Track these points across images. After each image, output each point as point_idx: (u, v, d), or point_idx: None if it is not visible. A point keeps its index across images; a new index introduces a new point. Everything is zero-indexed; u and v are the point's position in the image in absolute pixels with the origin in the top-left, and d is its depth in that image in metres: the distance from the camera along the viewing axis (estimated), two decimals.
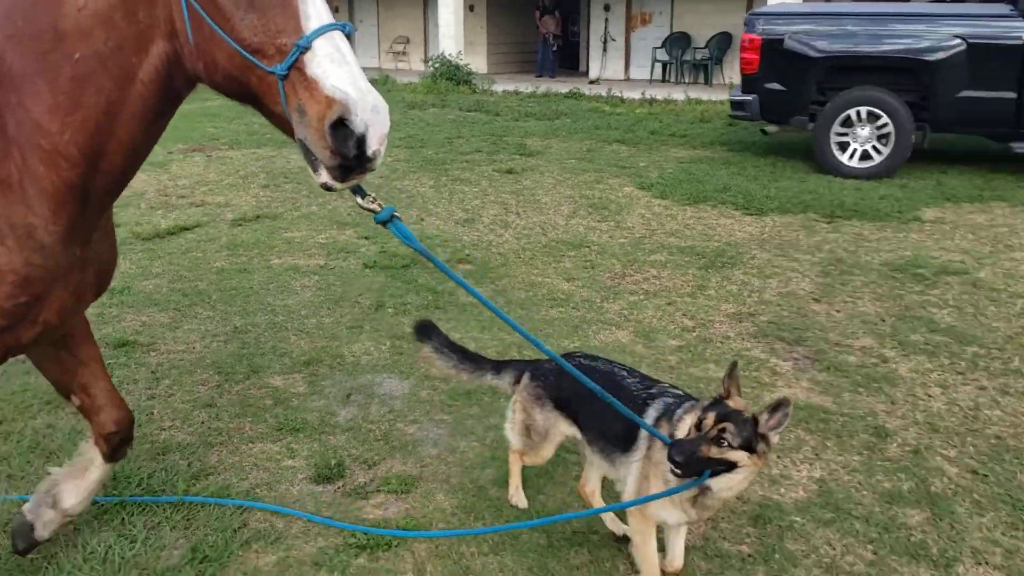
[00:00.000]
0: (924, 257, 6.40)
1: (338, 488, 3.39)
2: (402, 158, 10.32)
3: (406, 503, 3.31)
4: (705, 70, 20.39)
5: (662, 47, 21.08)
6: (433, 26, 23.12)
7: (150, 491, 3.30)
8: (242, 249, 6.64)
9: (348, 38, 2.00)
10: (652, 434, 2.64)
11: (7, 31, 2.11)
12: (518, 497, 3.27)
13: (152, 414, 4.00)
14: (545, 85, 18.87)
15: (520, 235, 7.14)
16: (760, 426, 2.45)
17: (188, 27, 2.03)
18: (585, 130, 12.81)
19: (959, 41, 8.70)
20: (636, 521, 2.74)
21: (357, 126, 1.88)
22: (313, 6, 1.95)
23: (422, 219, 7.65)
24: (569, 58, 24.36)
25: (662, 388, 2.87)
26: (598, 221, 7.60)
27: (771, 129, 10.36)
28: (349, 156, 1.91)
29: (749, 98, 9.73)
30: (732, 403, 2.52)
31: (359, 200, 2.20)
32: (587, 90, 18.07)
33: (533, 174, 9.57)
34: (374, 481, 3.45)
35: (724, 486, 2.51)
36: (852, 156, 9.31)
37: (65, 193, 2.15)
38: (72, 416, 3.82)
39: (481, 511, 3.26)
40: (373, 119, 1.89)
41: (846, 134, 9.29)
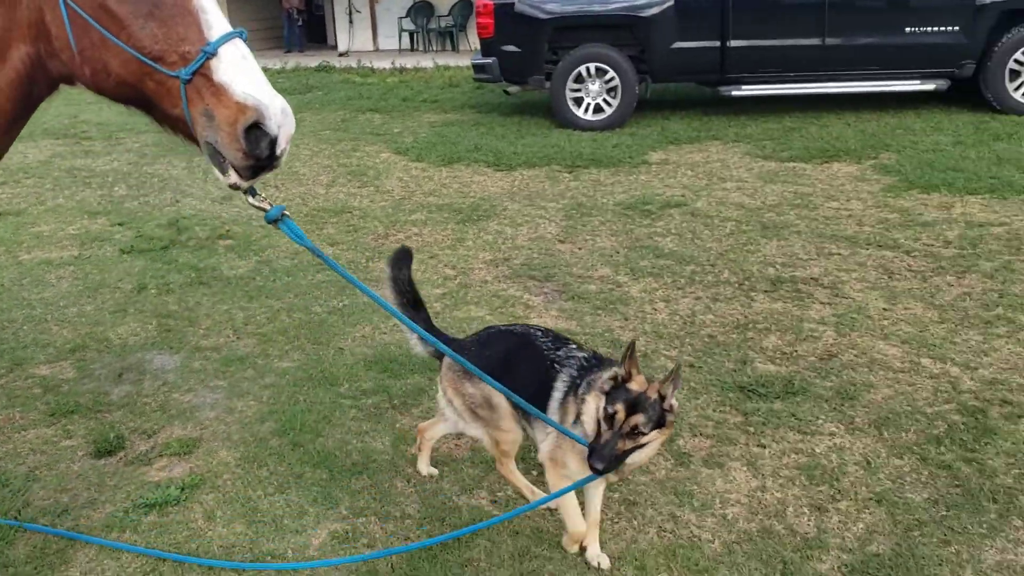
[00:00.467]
0: (651, 195, 7.18)
1: (120, 459, 3.48)
2: (151, 143, 9.97)
3: (189, 463, 3.46)
4: (451, 37, 20.93)
5: (407, 16, 21.36)
6: None
7: None
8: None
9: (244, 43, 2.07)
10: (568, 435, 2.68)
11: None
12: (538, 491, 3.13)
13: None
14: (294, 60, 18.66)
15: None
16: (665, 402, 2.52)
17: (70, 33, 2.01)
18: (338, 101, 12.90)
19: None
20: (556, 480, 2.80)
21: (271, 129, 2.00)
22: (214, 15, 2.02)
23: (178, 200, 7.53)
24: (317, 32, 24.05)
25: (569, 350, 2.88)
26: (358, 187, 7.83)
27: (513, 90, 10.98)
28: (262, 157, 2.03)
29: (489, 61, 10.26)
30: (635, 385, 2.52)
31: (250, 199, 2.25)
32: (337, 63, 18.06)
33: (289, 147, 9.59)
34: (155, 448, 3.57)
35: (639, 459, 2.62)
36: (586, 110, 10.09)
37: None
38: None
39: (264, 459, 3.47)
40: (284, 121, 2.02)
41: (579, 90, 10.05)
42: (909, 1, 9.35)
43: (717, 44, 9.67)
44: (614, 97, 9.99)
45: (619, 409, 2.47)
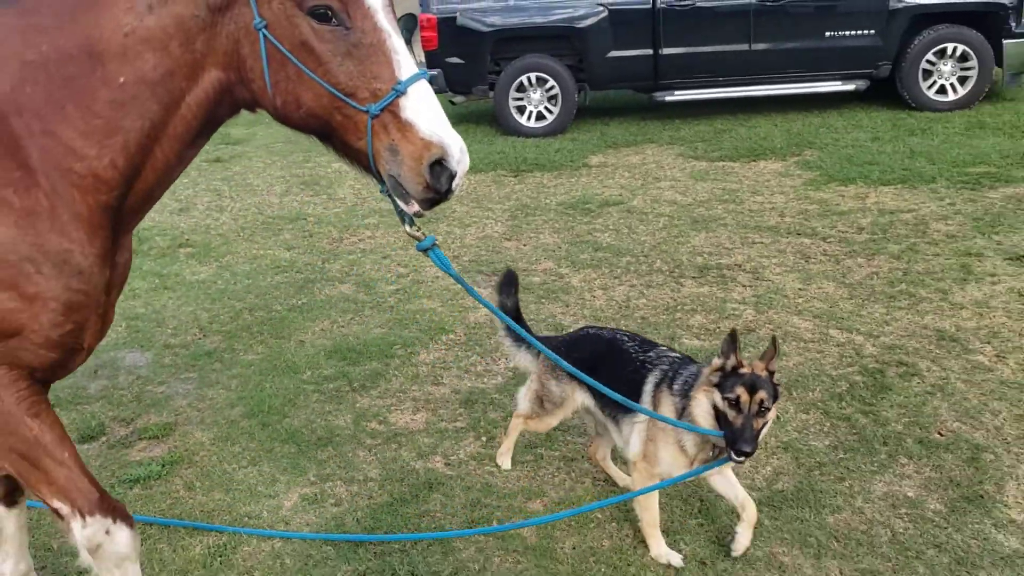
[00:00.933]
0: (591, 195, 7.62)
1: (102, 443, 3.79)
2: None
3: (167, 444, 3.78)
4: None
5: None
6: None
7: None
8: None
9: (429, 83, 2.17)
10: (678, 425, 2.79)
11: (26, 57, 2.07)
12: (505, 459, 3.47)
13: None
14: None
15: (237, 216, 7.53)
16: (774, 376, 2.68)
17: (265, 66, 2.11)
18: None
19: (602, 8, 10.13)
20: (641, 477, 2.92)
21: (452, 166, 2.11)
22: (404, 56, 2.12)
23: None
24: None
25: (660, 352, 3.06)
26: (311, 196, 8.15)
27: (458, 100, 11.36)
28: (442, 191, 2.12)
29: (434, 73, 10.63)
30: (747, 370, 2.65)
31: (407, 228, 2.33)
32: None
33: (242, 160, 9.88)
34: (134, 433, 3.88)
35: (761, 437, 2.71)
36: (529, 118, 10.52)
37: (100, 216, 2.14)
38: None
39: (236, 438, 3.80)
40: (462, 159, 2.12)
41: (522, 99, 10.47)
42: (829, 7, 9.94)
43: (650, 52, 10.16)
44: (555, 105, 10.43)
45: (741, 392, 2.61)
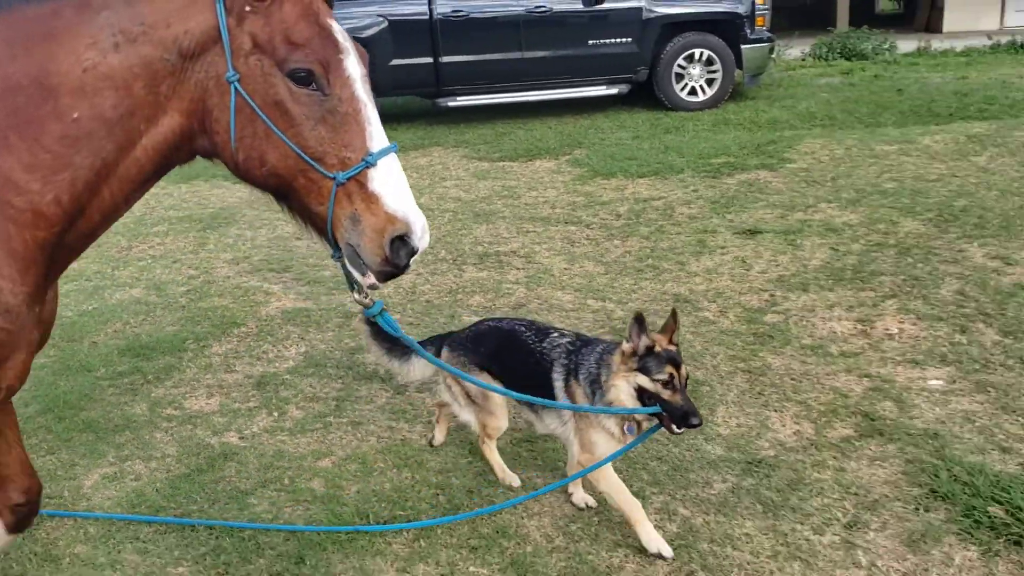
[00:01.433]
0: None
1: None
2: None
3: None
4: None
5: None
6: None
7: None
8: None
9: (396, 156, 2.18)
10: (624, 412, 2.86)
11: None
12: (509, 477, 3.41)
13: None
14: None
15: None
16: (679, 348, 2.86)
17: (232, 120, 2.05)
18: None
19: (382, 19, 10.57)
20: (591, 461, 2.98)
21: (414, 243, 2.11)
22: (377, 128, 2.11)
23: None
24: None
25: (552, 340, 3.15)
26: None
27: None
28: (400, 265, 2.13)
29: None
30: (659, 346, 2.80)
31: (355, 296, 2.37)
32: None
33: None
34: None
35: None
36: None
37: (36, 253, 2.04)
38: None
39: (32, 432, 3.92)
40: (423, 237, 2.13)
41: None
42: (590, 17, 10.86)
43: (431, 60, 10.71)
44: None
45: (671, 371, 2.74)
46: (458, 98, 10.88)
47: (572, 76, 10.93)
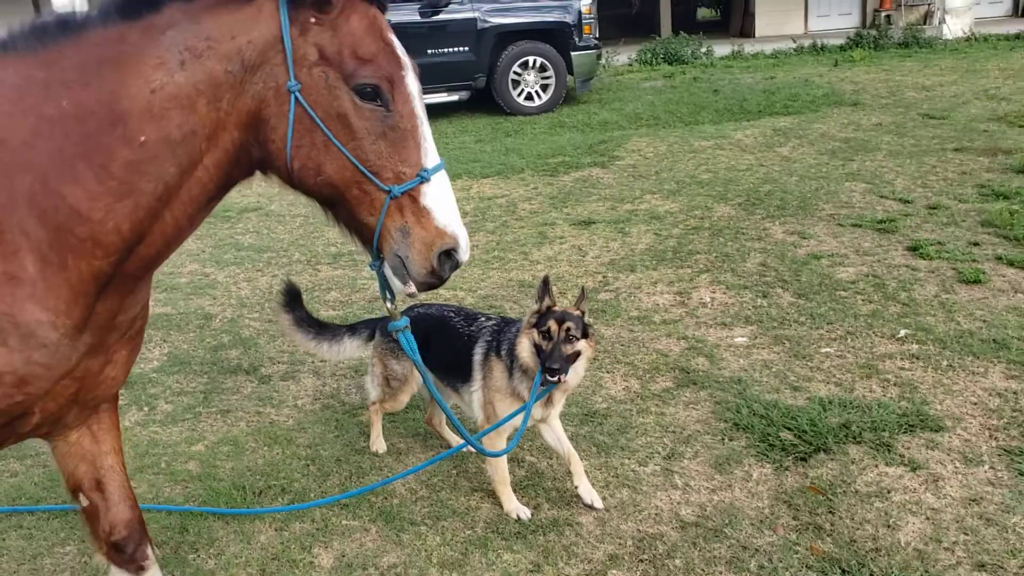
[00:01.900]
0: (230, 203, 8.13)
1: None
2: None
3: None
4: None
5: None
6: None
7: None
8: None
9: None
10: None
11: (44, 111, 1.92)
12: (379, 444, 3.74)
13: None
14: None
15: None
16: (585, 316, 3.05)
17: (290, 129, 2.05)
18: None
19: None
20: (491, 439, 3.21)
21: (460, 257, 2.18)
22: (431, 145, 2.15)
23: None
24: None
25: (480, 324, 3.39)
26: None
27: None
28: (444, 278, 2.19)
29: None
30: (562, 308, 3.08)
31: (388, 305, 2.42)
32: None
33: None
34: None
35: (576, 375, 3.10)
36: None
37: (89, 284, 1.98)
38: None
39: None
40: (466, 251, 2.20)
41: None
42: (428, 27, 11.29)
43: None
44: None
45: (551, 324, 3.00)
46: None
47: None
